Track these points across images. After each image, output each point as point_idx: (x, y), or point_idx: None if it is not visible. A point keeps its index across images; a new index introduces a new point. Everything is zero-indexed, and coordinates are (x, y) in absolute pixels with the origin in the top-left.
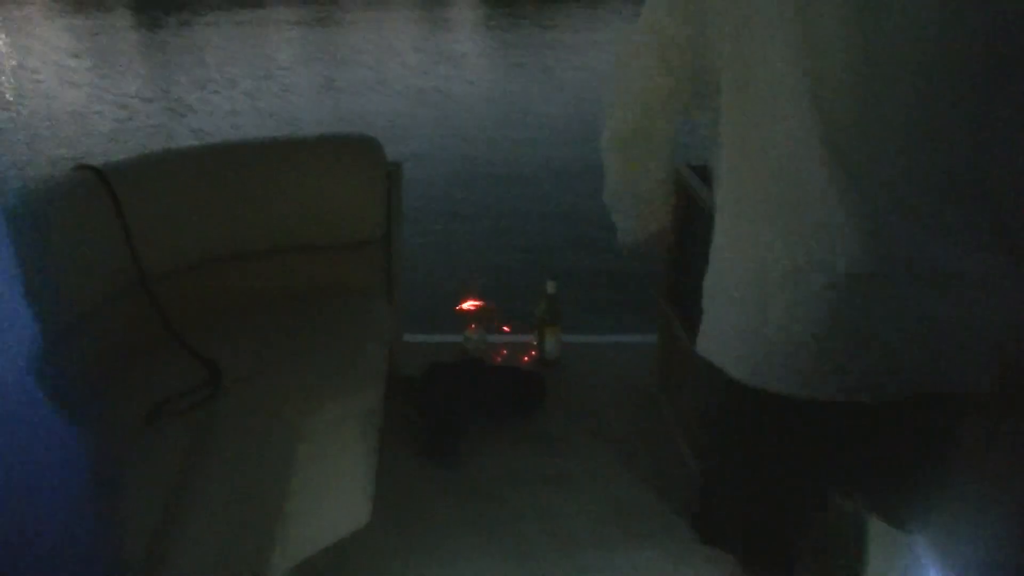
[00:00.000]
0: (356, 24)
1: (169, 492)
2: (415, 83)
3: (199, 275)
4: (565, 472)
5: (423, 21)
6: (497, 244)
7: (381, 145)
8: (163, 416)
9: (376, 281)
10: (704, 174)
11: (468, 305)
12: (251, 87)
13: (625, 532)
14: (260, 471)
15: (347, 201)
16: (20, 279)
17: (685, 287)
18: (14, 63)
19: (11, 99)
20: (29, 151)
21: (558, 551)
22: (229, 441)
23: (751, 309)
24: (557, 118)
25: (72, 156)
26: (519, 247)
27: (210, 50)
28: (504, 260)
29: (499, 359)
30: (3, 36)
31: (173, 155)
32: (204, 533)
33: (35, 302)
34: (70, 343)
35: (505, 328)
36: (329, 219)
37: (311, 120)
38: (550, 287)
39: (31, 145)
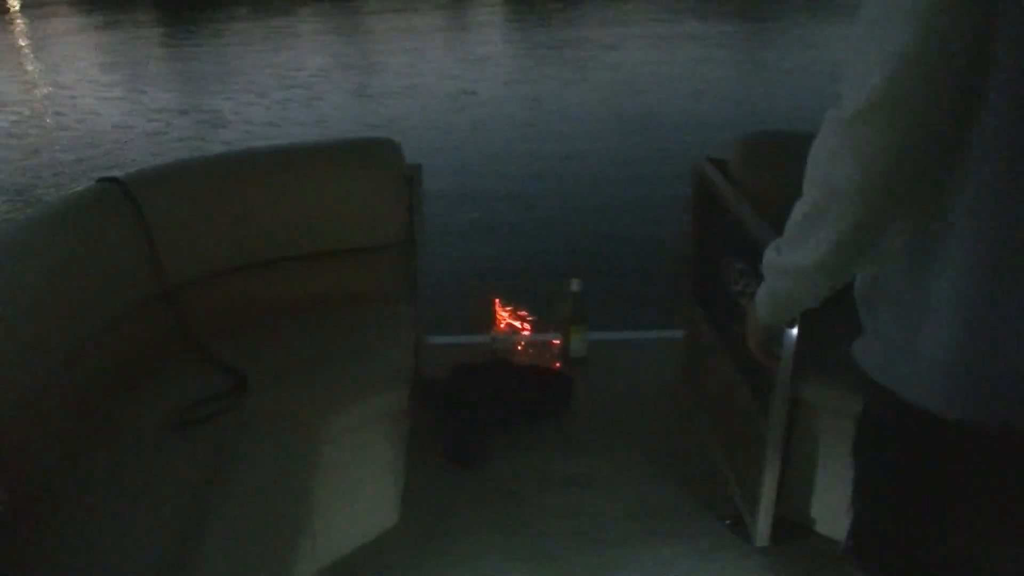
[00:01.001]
0: (382, 29)
1: (195, 498)
2: (446, 87)
3: (221, 283)
4: (591, 472)
5: (449, 22)
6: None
7: (400, 148)
8: (188, 424)
9: (398, 284)
10: (723, 168)
11: (501, 316)
12: (283, 96)
13: (652, 530)
14: (285, 476)
15: (367, 205)
16: (45, 290)
17: (709, 282)
18: (47, 81)
19: (49, 120)
20: (73, 170)
21: (584, 550)
22: (254, 447)
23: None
24: (593, 121)
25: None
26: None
27: (241, 59)
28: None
29: (525, 359)
30: (33, 53)
31: (193, 164)
32: (231, 538)
33: (61, 312)
34: (96, 352)
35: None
36: (350, 223)
37: (344, 130)
38: (574, 285)
39: (75, 164)
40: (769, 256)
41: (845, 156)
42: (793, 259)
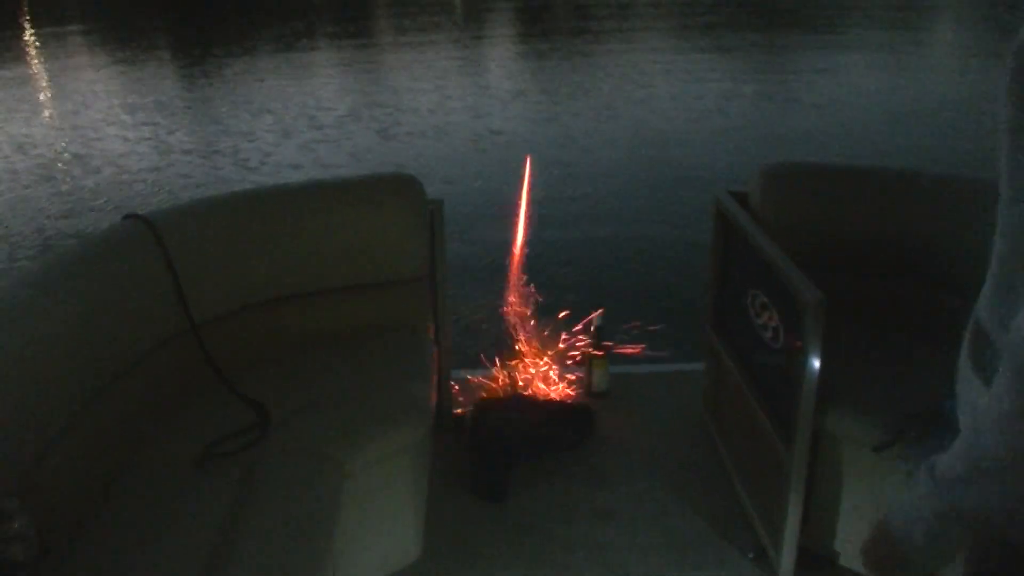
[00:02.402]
0: (405, 65)
1: (219, 532)
2: (474, 127)
3: (246, 318)
4: (615, 505)
5: (471, 57)
6: None
7: (420, 183)
8: (213, 458)
9: (421, 318)
10: (742, 200)
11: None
12: (309, 139)
13: (675, 562)
14: (308, 509)
15: (389, 240)
16: (73, 328)
17: (730, 314)
18: (71, 121)
19: (75, 162)
20: (100, 214)
21: None
22: (277, 481)
23: None
24: (625, 165)
25: None
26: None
27: (266, 98)
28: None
29: (547, 393)
30: (55, 92)
31: (217, 200)
32: (254, 571)
33: (89, 349)
34: (123, 388)
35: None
36: (371, 258)
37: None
38: (596, 319)
39: (103, 207)
40: (928, 486)
41: None
42: (966, 499)
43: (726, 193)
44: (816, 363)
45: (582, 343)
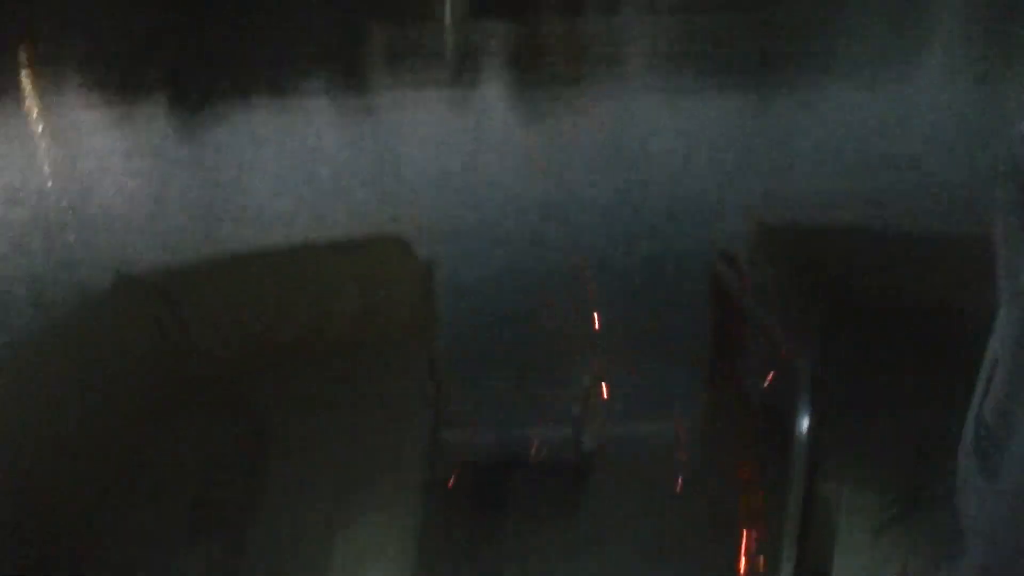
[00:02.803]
0: (398, 114)
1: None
2: (468, 178)
3: (233, 379)
4: (607, 569)
5: (464, 106)
6: None
7: (411, 245)
8: (203, 505)
9: (415, 380)
10: (734, 261)
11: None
12: (308, 192)
13: None
14: (296, 564)
15: (383, 301)
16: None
17: (725, 373)
18: (67, 170)
19: (71, 212)
20: (95, 268)
21: None
22: (266, 539)
23: None
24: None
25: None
26: None
27: (263, 148)
28: None
29: (538, 453)
30: (50, 140)
31: (212, 261)
32: None
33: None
34: (116, 430)
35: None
36: (365, 319)
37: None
38: (587, 379)
39: (100, 261)
40: None
41: None
42: None
43: (716, 255)
44: (806, 422)
45: (574, 399)
